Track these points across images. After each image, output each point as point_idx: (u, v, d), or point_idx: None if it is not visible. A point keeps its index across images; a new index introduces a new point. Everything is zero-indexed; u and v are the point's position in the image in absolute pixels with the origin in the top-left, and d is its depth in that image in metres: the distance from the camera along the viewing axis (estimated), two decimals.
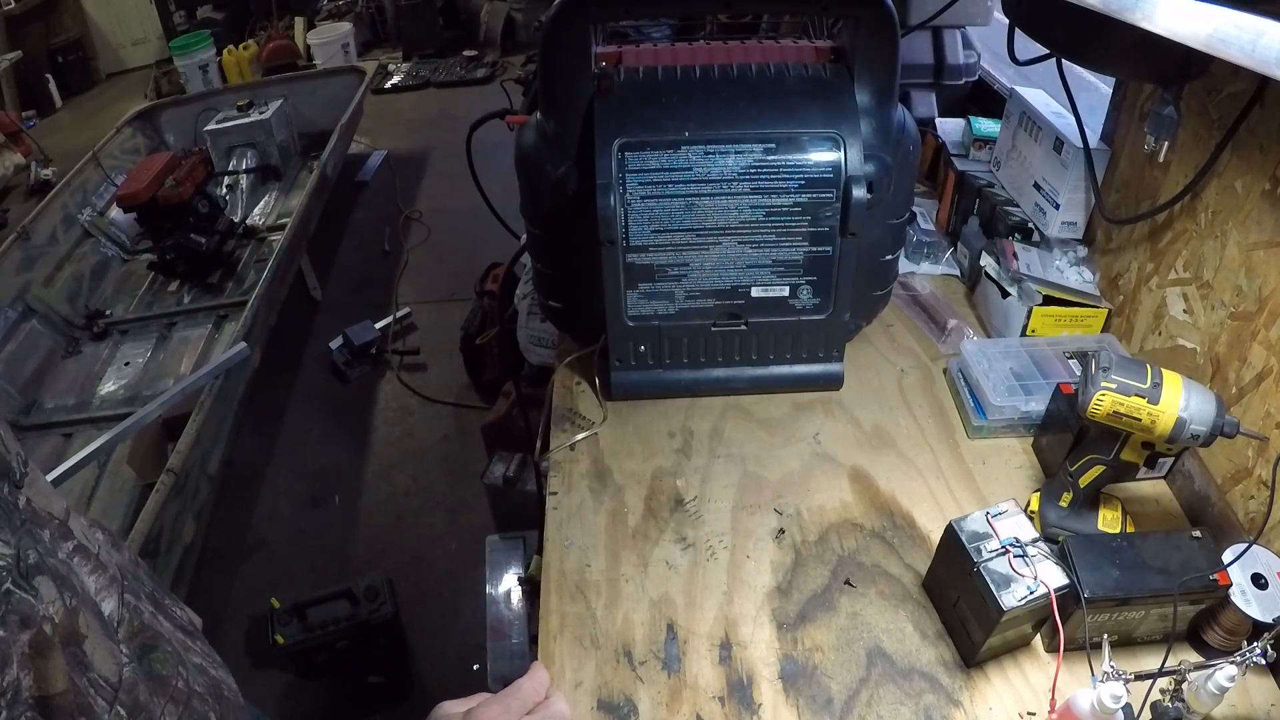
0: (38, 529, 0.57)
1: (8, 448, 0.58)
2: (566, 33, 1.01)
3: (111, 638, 0.61)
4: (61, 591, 0.55)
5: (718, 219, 1.04)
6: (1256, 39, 0.61)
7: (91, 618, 0.58)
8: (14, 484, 0.57)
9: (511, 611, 1.67)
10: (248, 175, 3.70)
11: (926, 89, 1.71)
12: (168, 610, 0.77)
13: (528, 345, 1.99)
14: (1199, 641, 0.83)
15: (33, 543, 0.55)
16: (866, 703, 0.80)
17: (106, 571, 0.64)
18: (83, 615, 0.56)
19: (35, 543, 0.55)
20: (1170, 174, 1.06)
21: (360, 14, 6.25)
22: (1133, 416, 0.80)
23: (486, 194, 1.44)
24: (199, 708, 0.69)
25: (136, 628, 0.66)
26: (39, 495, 0.59)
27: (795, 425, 1.13)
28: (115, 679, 0.59)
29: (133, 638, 0.65)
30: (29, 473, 0.59)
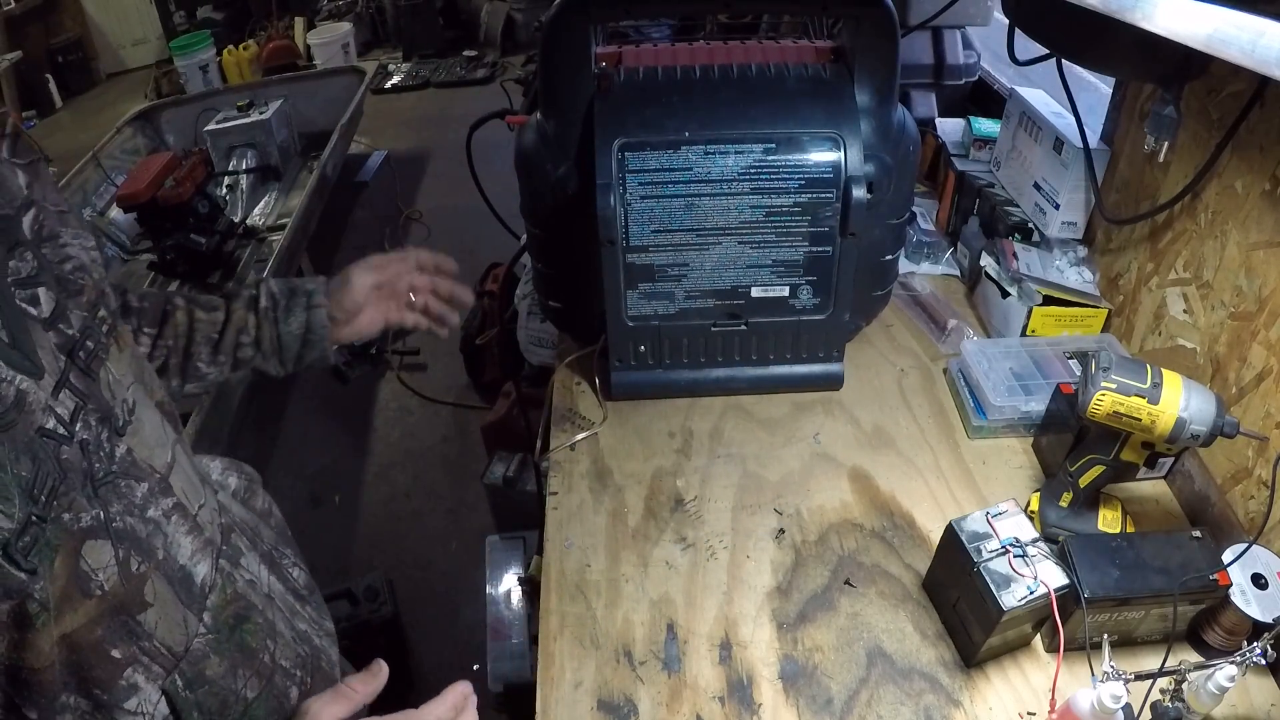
0: (133, 482, 0.57)
1: (114, 394, 0.57)
2: (566, 33, 1.01)
3: (191, 605, 0.61)
4: (128, 556, 0.55)
5: (718, 219, 1.04)
6: (1256, 39, 0.61)
7: (164, 585, 0.58)
8: (116, 431, 0.56)
9: (511, 611, 1.67)
10: (248, 175, 3.70)
11: (926, 89, 1.71)
12: (283, 571, 0.79)
13: (528, 345, 1.99)
14: (1199, 641, 0.83)
15: (116, 498, 0.55)
16: (866, 703, 0.80)
17: (203, 534, 0.64)
18: (151, 583, 0.57)
19: (119, 498, 0.55)
20: (1170, 174, 1.06)
21: (360, 14, 6.25)
22: (1133, 416, 0.80)
23: (486, 194, 1.44)
24: (280, 683, 0.70)
25: (230, 596, 0.66)
26: (142, 446, 0.59)
27: (795, 425, 1.13)
28: (181, 648, 0.60)
29: (225, 607, 0.65)
30: (133, 421, 0.58)
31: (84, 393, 0.55)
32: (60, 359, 0.54)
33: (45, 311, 0.54)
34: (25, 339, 0.52)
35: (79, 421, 0.53)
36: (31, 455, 0.49)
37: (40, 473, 0.49)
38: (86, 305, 0.59)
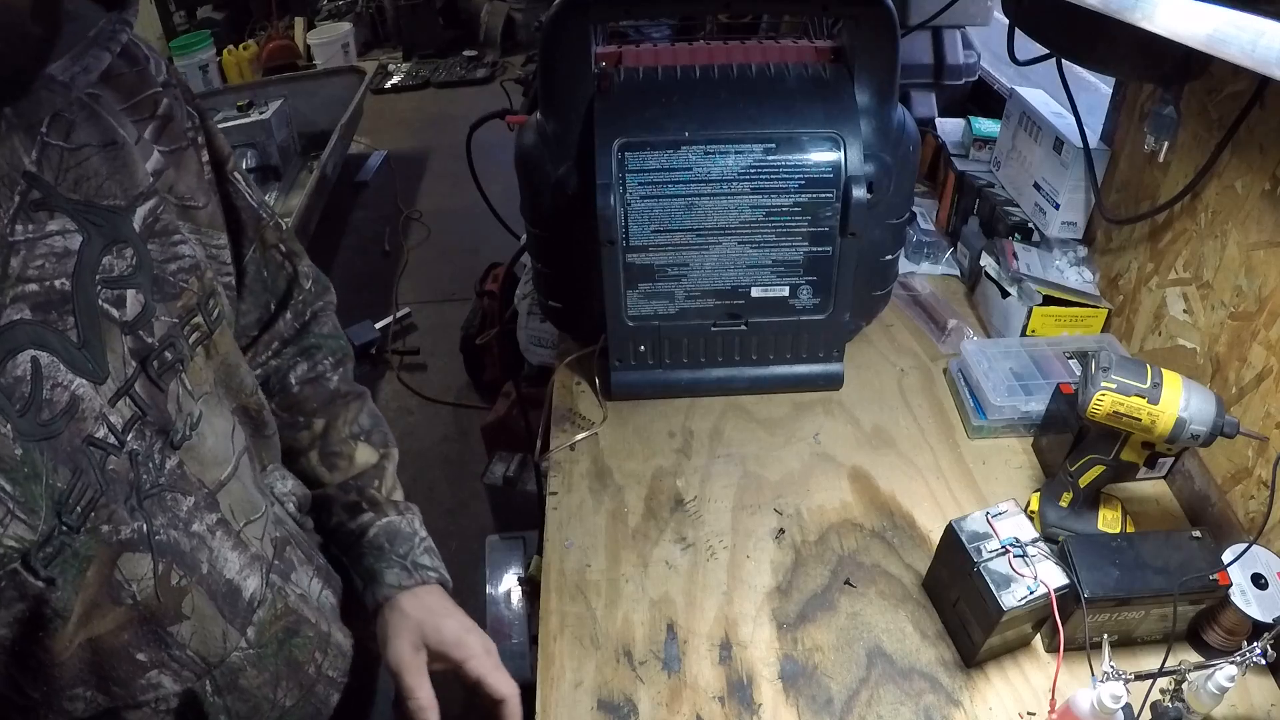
0: (179, 495, 0.56)
1: (180, 407, 0.56)
2: (566, 33, 1.01)
3: (234, 620, 0.60)
4: (169, 569, 0.54)
5: (718, 219, 1.04)
6: (1256, 39, 0.61)
7: (205, 600, 0.57)
8: (170, 444, 0.55)
9: (511, 611, 1.67)
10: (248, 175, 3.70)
11: (926, 89, 1.71)
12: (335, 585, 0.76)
13: (528, 345, 1.98)
14: (1199, 641, 0.83)
15: (161, 511, 0.54)
16: (866, 703, 0.80)
17: (249, 549, 0.62)
18: (192, 597, 0.56)
19: (164, 512, 0.54)
20: (1170, 174, 1.06)
21: (360, 14, 6.24)
22: (1133, 416, 0.80)
23: (486, 194, 1.44)
24: (322, 691, 0.70)
25: (280, 610, 0.65)
26: (195, 461, 0.57)
27: (795, 425, 1.13)
28: (216, 659, 0.59)
29: (274, 621, 0.64)
30: (193, 436, 0.57)
31: (146, 403, 0.53)
32: (130, 365, 0.52)
33: (129, 314, 0.52)
34: (97, 341, 0.50)
35: (132, 431, 0.52)
36: (73, 465, 0.48)
37: (80, 484, 0.48)
38: (181, 311, 0.56)
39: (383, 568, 0.74)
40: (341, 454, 0.77)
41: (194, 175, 0.61)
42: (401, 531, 0.77)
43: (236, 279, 0.69)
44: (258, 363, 0.75)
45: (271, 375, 0.76)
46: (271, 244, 0.73)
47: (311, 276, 0.78)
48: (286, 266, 0.75)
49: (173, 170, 0.58)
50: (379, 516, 0.76)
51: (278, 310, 0.75)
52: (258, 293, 0.73)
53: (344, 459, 0.77)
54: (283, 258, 0.74)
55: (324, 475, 0.77)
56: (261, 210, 0.71)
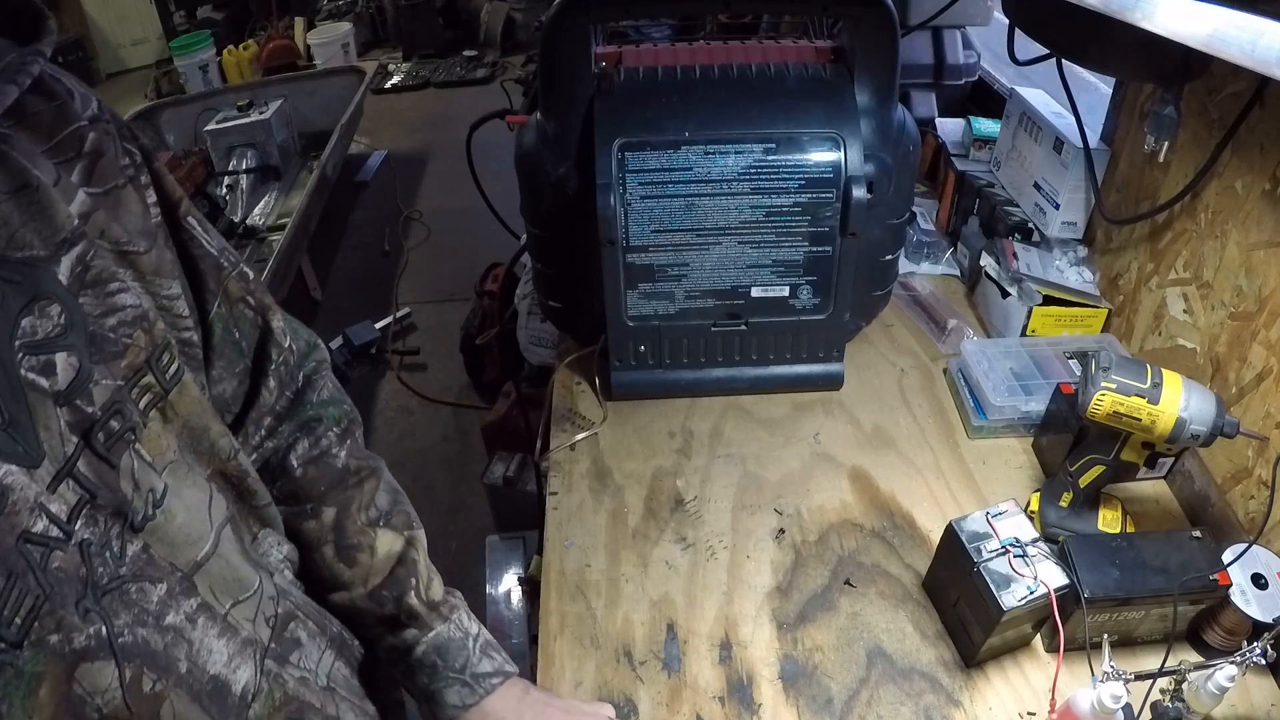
0: (147, 585, 0.49)
1: (138, 484, 0.48)
2: (566, 33, 1.01)
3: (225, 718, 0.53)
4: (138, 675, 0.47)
5: (718, 219, 1.04)
6: (1256, 39, 0.61)
7: (187, 704, 0.50)
8: (131, 527, 0.48)
9: (511, 611, 1.67)
10: (248, 175, 3.69)
11: (926, 89, 1.71)
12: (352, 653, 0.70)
13: (528, 345, 1.98)
14: (1199, 641, 0.83)
15: (124, 608, 0.47)
16: (866, 703, 0.80)
17: (239, 634, 0.55)
18: (170, 703, 0.49)
19: (128, 608, 0.47)
20: (1170, 174, 1.06)
21: (360, 14, 6.24)
22: (1133, 416, 0.80)
23: (486, 194, 1.44)
24: None
25: (279, 701, 0.58)
26: (163, 543, 0.50)
27: (795, 425, 1.13)
28: None
29: (273, 714, 0.57)
30: (156, 516, 0.50)
31: (93, 483, 0.46)
32: (70, 442, 0.45)
33: (61, 382, 0.45)
34: (23, 418, 0.43)
35: (80, 518, 0.45)
36: (5, 570, 0.41)
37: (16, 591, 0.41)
38: (126, 371, 0.49)
39: (440, 688, 0.69)
40: (360, 546, 0.69)
41: (135, 217, 0.54)
42: (452, 641, 0.71)
43: (203, 340, 0.61)
44: (250, 446, 0.66)
45: (270, 458, 0.67)
46: (238, 297, 0.63)
47: (290, 332, 0.68)
48: (259, 323, 0.65)
49: (104, 213, 0.51)
50: (423, 632, 0.70)
51: (258, 377, 0.66)
52: (230, 356, 0.63)
53: (364, 551, 0.69)
54: (253, 312, 0.65)
55: (344, 574, 0.69)
56: (223, 258, 0.62)
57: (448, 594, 0.74)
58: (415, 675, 0.70)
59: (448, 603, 0.73)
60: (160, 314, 0.54)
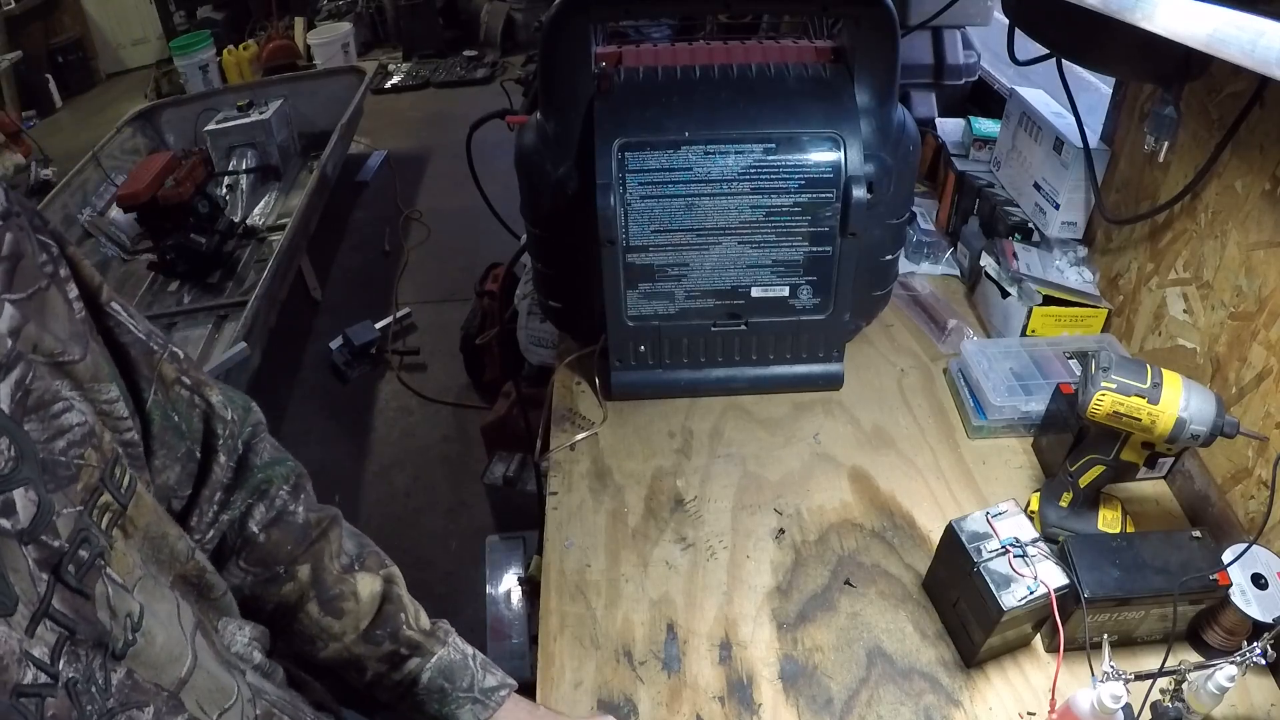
0: (136, 712, 0.47)
1: (115, 611, 0.46)
2: (566, 33, 1.01)
3: None
4: None
5: (718, 219, 1.04)
6: (1256, 39, 0.61)
7: None
8: (112, 655, 0.46)
9: (511, 611, 1.67)
10: (248, 175, 3.70)
11: (926, 89, 1.71)
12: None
13: (528, 345, 1.99)
14: (1199, 641, 0.83)
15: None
16: (866, 703, 0.80)
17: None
18: None
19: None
20: (1170, 174, 1.06)
21: (360, 14, 6.25)
22: (1133, 416, 0.80)
23: (486, 194, 1.44)
24: None
25: None
26: (146, 666, 0.48)
27: (795, 425, 1.13)
28: None
29: None
30: (137, 640, 0.47)
31: (71, 619, 0.43)
32: (41, 580, 0.42)
33: (23, 520, 0.41)
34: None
35: (63, 658, 0.42)
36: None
37: None
38: (83, 494, 0.46)
39: (452, 710, 0.69)
40: (344, 595, 0.68)
41: (62, 320, 0.49)
42: (455, 663, 0.71)
43: (142, 432, 0.57)
44: (205, 524, 0.63)
45: (227, 531, 0.65)
46: (173, 379, 0.60)
47: (229, 403, 0.65)
48: (198, 402, 0.62)
49: (34, 324, 0.46)
50: (426, 659, 0.70)
51: (207, 455, 0.63)
52: (172, 443, 0.60)
53: (348, 600, 0.68)
54: (190, 392, 0.62)
55: (333, 626, 0.68)
56: (152, 341, 0.59)
57: (435, 622, 0.74)
58: (425, 705, 0.70)
59: (440, 628, 0.73)
60: (103, 423, 0.50)
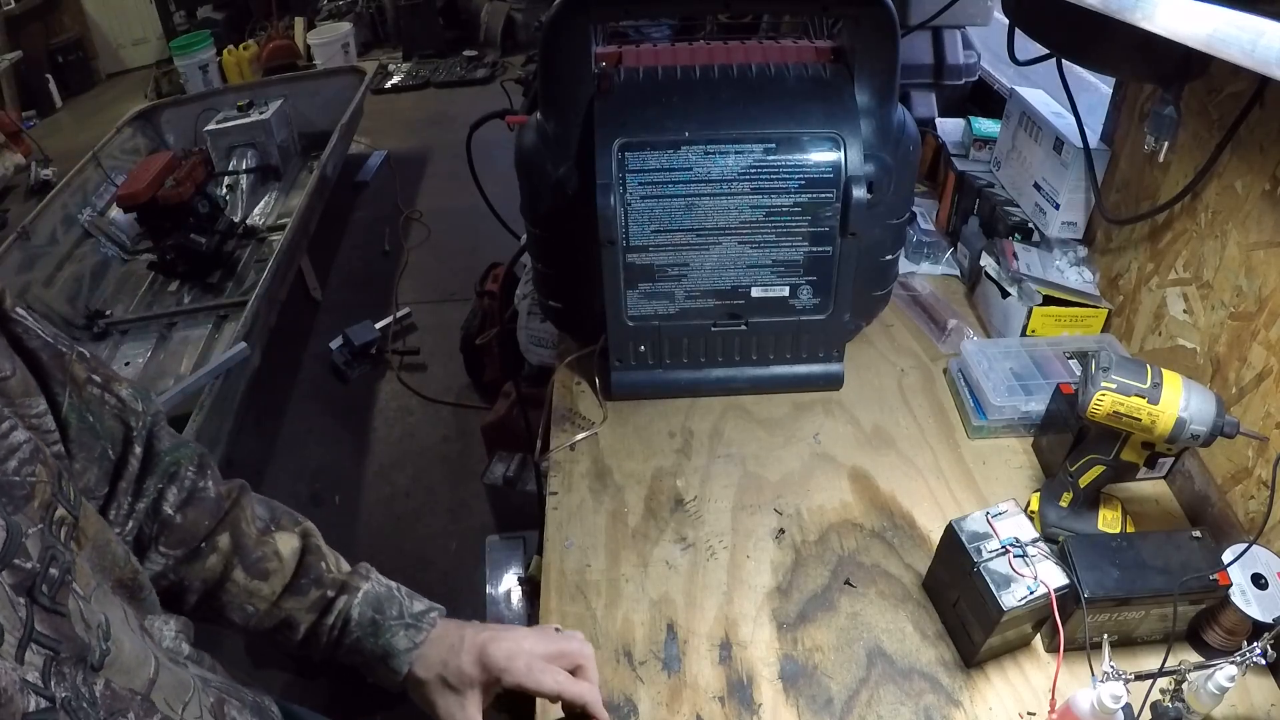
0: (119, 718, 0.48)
1: (88, 623, 0.47)
2: (566, 33, 1.01)
3: None
4: None
5: (718, 219, 1.04)
6: (1256, 39, 0.61)
7: None
8: (92, 668, 0.46)
9: (511, 611, 1.67)
10: (248, 175, 3.70)
11: (926, 89, 1.71)
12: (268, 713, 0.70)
13: (528, 345, 1.99)
14: (1199, 641, 0.83)
15: None
16: (866, 703, 0.80)
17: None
18: None
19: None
20: (1170, 174, 1.06)
21: (360, 14, 6.25)
22: (1133, 416, 0.80)
23: (486, 194, 1.44)
24: None
25: None
26: (121, 673, 0.49)
27: (795, 425, 1.13)
28: None
29: None
30: (110, 649, 0.48)
31: (52, 639, 0.43)
32: (20, 605, 0.42)
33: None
34: None
35: (53, 678, 0.42)
36: None
37: None
38: (40, 512, 0.46)
39: (389, 639, 0.69)
40: (266, 556, 0.69)
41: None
42: (382, 595, 0.71)
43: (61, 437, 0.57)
44: (122, 515, 0.63)
45: (144, 520, 0.65)
46: (84, 380, 0.60)
47: (137, 395, 0.65)
48: (109, 400, 0.62)
49: None
50: (353, 595, 0.70)
51: (125, 448, 0.63)
52: (89, 444, 0.60)
53: (271, 560, 0.69)
54: (101, 390, 0.61)
55: (262, 589, 0.69)
56: (59, 344, 0.58)
57: (355, 565, 0.75)
58: (362, 645, 0.69)
59: (362, 567, 0.74)
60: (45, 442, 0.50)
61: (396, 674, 0.68)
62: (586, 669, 0.71)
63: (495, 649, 0.68)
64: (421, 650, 0.69)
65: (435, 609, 0.73)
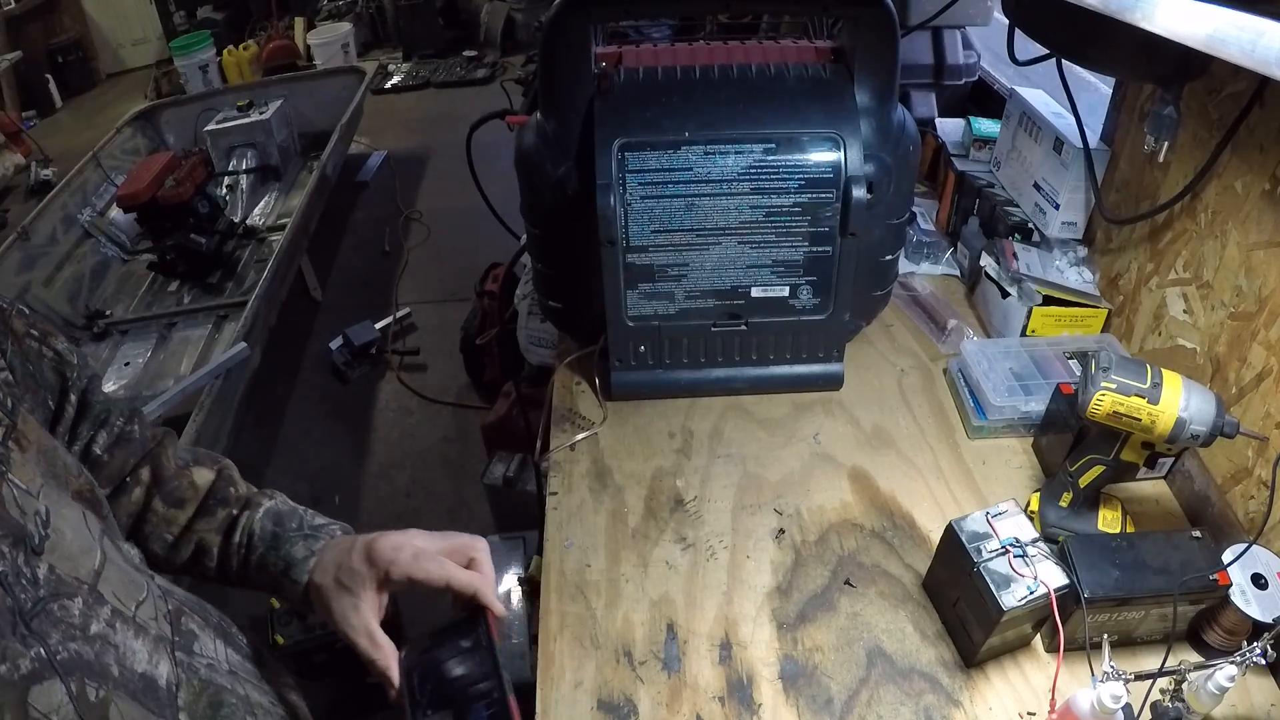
0: (66, 601, 0.51)
1: (23, 510, 0.50)
2: (566, 33, 1.01)
3: (164, 713, 0.56)
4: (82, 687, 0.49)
5: (718, 219, 1.04)
6: (1256, 39, 0.61)
7: (129, 703, 0.52)
8: (33, 551, 0.50)
9: (511, 611, 1.67)
10: (248, 175, 3.70)
11: (926, 89, 1.71)
12: (236, 640, 0.72)
13: (528, 345, 1.99)
14: (1199, 641, 0.83)
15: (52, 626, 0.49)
16: (866, 703, 0.80)
17: (149, 633, 0.57)
18: (115, 705, 0.51)
19: (55, 625, 0.49)
20: (1170, 174, 1.06)
21: (360, 14, 6.25)
22: (1133, 416, 0.80)
23: (486, 194, 1.44)
24: None
25: (197, 688, 0.61)
26: (64, 559, 0.52)
27: (795, 425, 1.13)
28: None
29: (196, 699, 0.60)
30: (50, 535, 0.51)
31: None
32: None
33: None
34: None
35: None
36: None
37: None
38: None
39: (289, 550, 0.70)
40: (182, 486, 0.72)
41: None
42: (284, 511, 0.73)
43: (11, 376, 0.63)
44: None
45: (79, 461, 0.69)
46: (23, 333, 0.65)
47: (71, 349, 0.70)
48: (47, 353, 0.67)
49: None
50: (256, 510, 0.72)
51: (61, 397, 0.68)
52: (33, 389, 0.65)
53: (188, 490, 0.72)
54: (39, 344, 0.67)
55: (179, 517, 0.72)
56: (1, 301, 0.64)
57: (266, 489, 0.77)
58: (266, 558, 0.70)
59: (270, 489, 0.76)
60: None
61: (297, 584, 0.69)
62: (480, 562, 0.70)
63: (382, 543, 0.68)
64: (319, 558, 0.69)
65: (337, 525, 0.74)
